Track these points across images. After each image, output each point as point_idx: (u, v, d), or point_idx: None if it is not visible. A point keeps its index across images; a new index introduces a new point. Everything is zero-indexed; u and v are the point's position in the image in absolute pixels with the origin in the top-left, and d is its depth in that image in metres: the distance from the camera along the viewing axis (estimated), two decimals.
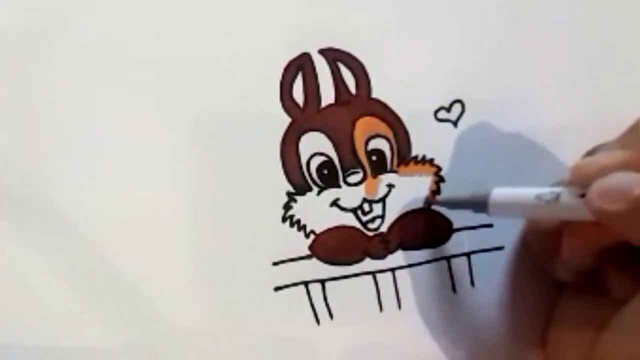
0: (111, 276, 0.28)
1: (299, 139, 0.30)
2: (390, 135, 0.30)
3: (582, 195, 0.25)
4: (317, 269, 0.29)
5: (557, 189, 0.26)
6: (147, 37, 0.29)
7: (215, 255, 0.29)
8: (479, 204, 0.28)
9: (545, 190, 0.26)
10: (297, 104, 0.30)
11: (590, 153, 0.28)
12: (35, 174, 0.28)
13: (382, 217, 0.30)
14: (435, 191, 0.30)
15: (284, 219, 0.29)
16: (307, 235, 0.29)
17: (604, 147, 0.27)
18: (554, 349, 0.29)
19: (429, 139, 0.30)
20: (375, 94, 0.30)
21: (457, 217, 0.30)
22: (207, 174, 0.29)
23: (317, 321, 0.29)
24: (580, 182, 0.25)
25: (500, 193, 0.27)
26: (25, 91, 0.28)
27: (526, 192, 0.27)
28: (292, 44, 0.30)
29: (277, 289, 0.29)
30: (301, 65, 0.30)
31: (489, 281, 0.30)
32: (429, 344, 0.30)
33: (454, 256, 0.30)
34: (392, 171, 0.30)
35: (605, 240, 0.26)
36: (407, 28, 0.30)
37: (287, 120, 0.29)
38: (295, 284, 0.29)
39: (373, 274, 0.30)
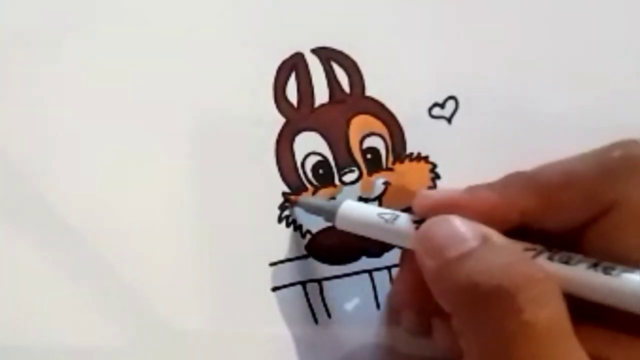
0: (110, 277, 0.28)
1: (293, 139, 0.30)
2: (385, 133, 0.30)
3: (417, 223, 0.24)
4: (314, 268, 0.29)
5: (399, 212, 0.25)
6: (143, 39, 0.29)
7: (212, 257, 0.29)
8: (330, 213, 0.27)
9: (388, 210, 0.26)
10: (291, 104, 0.30)
11: None
12: (36, 175, 0.28)
13: None
14: (433, 187, 0.30)
15: (279, 220, 0.29)
16: (303, 236, 0.29)
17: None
18: None
19: (423, 135, 0.30)
20: (369, 92, 0.30)
21: None
22: (203, 176, 0.29)
23: (315, 320, 0.30)
24: (418, 211, 0.25)
25: (349, 206, 0.27)
26: (26, 92, 0.28)
27: (371, 209, 0.26)
28: (284, 44, 0.30)
29: (275, 289, 0.29)
30: (294, 65, 0.30)
31: None
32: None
33: None
34: (387, 169, 0.30)
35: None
36: (399, 25, 0.30)
37: (282, 120, 0.29)
38: (292, 284, 0.29)
39: (370, 272, 0.30)
